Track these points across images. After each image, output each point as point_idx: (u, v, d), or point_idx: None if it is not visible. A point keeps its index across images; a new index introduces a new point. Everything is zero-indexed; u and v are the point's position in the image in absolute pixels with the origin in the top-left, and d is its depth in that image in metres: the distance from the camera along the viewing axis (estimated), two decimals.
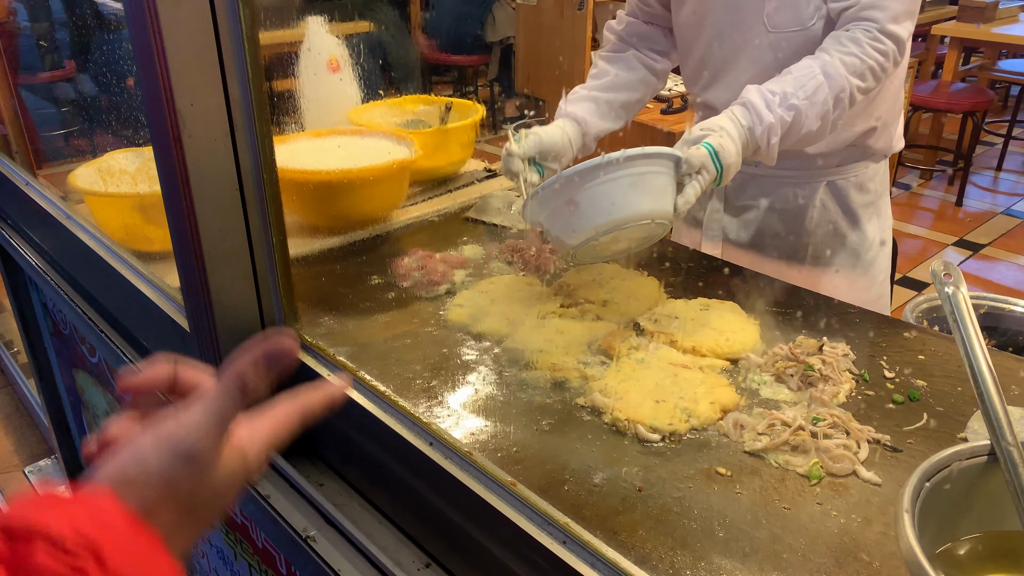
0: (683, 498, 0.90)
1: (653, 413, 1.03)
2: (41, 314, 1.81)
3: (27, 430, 2.63)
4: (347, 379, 0.63)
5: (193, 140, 0.73)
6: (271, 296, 0.85)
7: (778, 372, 1.12)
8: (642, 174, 1.16)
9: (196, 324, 0.84)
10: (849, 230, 1.60)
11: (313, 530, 0.78)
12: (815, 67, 1.28)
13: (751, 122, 1.26)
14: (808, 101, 1.26)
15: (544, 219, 1.20)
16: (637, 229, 1.18)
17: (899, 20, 1.30)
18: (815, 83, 1.27)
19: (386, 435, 0.74)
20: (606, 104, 1.60)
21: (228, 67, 0.73)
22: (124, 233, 1.34)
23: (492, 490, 0.65)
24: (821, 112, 1.27)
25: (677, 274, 1.43)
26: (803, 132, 1.28)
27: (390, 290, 1.40)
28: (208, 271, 0.78)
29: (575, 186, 1.14)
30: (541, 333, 1.22)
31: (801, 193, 1.59)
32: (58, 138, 4.96)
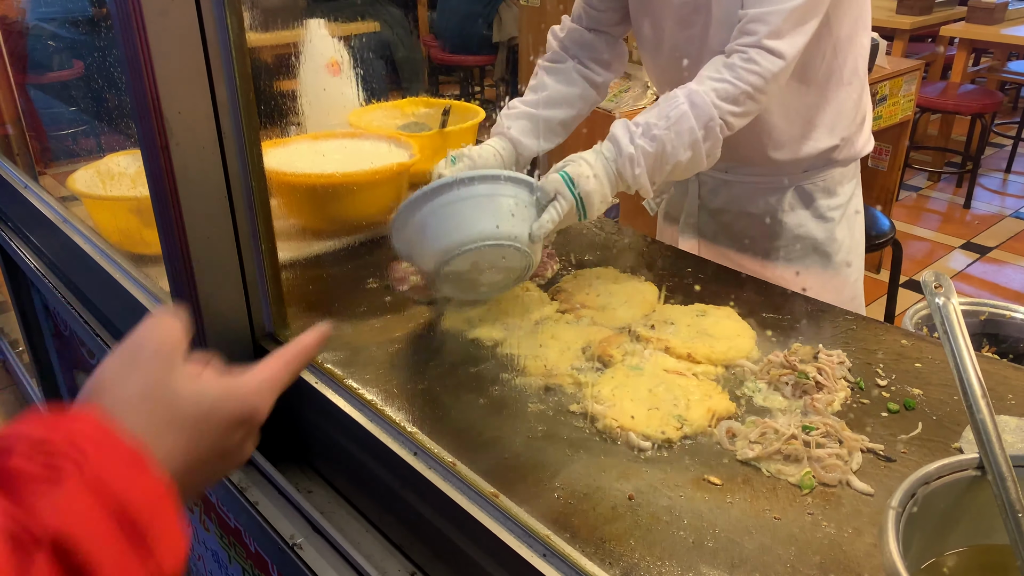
0: (673, 507, 0.90)
1: (646, 420, 1.03)
2: (43, 315, 1.82)
3: None
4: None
5: (181, 148, 0.73)
6: (261, 303, 0.85)
7: (773, 380, 1.12)
8: (490, 196, 1.16)
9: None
10: (819, 232, 1.61)
11: (300, 537, 0.78)
12: (680, 96, 1.27)
13: (613, 154, 1.26)
14: (671, 131, 1.25)
15: (401, 244, 1.20)
16: (495, 257, 1.17)
17: (781, 35, 1.26)
18: (678, 112, 1.25)
19: (372, 444, 0.74)
20: (543, 122, 1.58)
21: (216, 75, 0.73)
22: (121, 236, 1.34)
23: (475, 501, 0.65)
24: (688, 141, 1.26)
25: (675, 279, 1.42)
26: (673, 162, 1.27)
27: (386, 294, 1.40)
28: (197, 278, 0.78)
29: (424, 207, 1.13)
30: (536, 338, 1.22)
31: (770, 198, 1.60)
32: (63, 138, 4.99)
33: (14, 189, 1.46)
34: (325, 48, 1.85)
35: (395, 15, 5.15)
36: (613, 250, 1.57)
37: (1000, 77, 5.72)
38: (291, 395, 0.89)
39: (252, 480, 0.86)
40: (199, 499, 1.24)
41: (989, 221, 4.82)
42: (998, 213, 4.94)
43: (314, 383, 0.81)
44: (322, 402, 0.79)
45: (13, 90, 1.61)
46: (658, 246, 1.62)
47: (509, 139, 1.53)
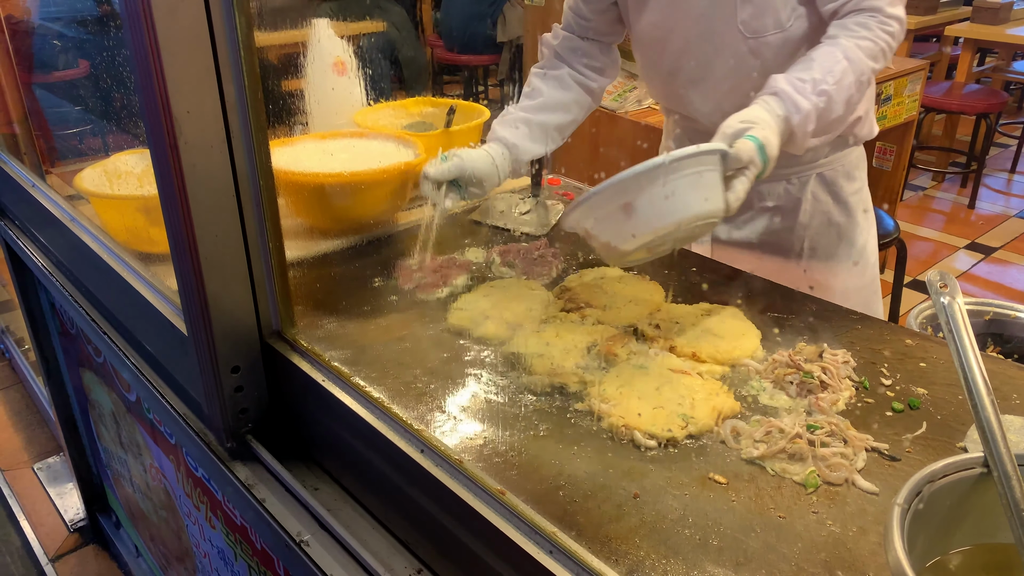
0: (678, 506, 0.90)
1: (651, 419, 1.03)
2: (49, 313, 1.83)
3: (37, 427, 2.65)
4: None
5: (189, 146, 0.74)
6: (268, 301, 0.85)
7: (777, 379, 1.12)
8: (698, 173, 1.13)
9: (193, 328, 0.85)
10: (841, 218, 1.62)
11: (307, 534, 0.79)
12: (837, 52, 1.27)
13: (787, 111, 1.24)
14: (837, 86, 1.25)
15: (592, 226, 1.18)
16: (689, 228, 1.17)
17: (895, 3, 1.30)
18: (841, 68, 1.26)
19: (379, 441, 0.74)
20: (538, 127, 1.57)
21: (224, 74, 0.74)
22: (128, 235, 1.34)
23: (481, 498, 0.65)
24: (846, 96, 1.27)
25: (680, 278, 1.42)
26: (832, 118, 1.27)
27: (391, 293, 1.41)
28: (204, 276, 0.79)
29: (631, 191, 1.12)
30: (541, 337, 1.22)
31: (792, 188, 1.60)
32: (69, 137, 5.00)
33: (22, 188, 1.47)
34: (332, 48, 1.85)
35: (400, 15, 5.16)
36: None
37: (1005, 77, 5.71)
38: (297, 392, 0.89)
39: (259, 477, 0.87)
40: (205, 496, 1.25)
41: (994, 221, 4.81)
42: (1003, 213, 4.93)
43: (321, 380, 0.81)
44: (328, 400, 0.80)
45: (20, 89, 1.62)
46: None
47: (504, 144, 1.53)
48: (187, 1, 0.70)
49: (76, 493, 2.24)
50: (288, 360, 0.85)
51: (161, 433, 1.34)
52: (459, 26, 6.00)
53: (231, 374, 0.85)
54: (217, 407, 0.87)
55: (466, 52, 6.02)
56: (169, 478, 1.40)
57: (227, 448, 0.89)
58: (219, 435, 0.90)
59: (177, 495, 1.40)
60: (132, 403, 1.45)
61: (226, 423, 0.87)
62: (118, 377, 1.47)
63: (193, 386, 0.95)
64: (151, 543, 1.77)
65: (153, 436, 1.40)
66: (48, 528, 2.20)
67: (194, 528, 1.37)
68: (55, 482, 2.37)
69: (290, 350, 0.86)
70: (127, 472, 1.71)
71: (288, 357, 0.85)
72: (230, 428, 0.88)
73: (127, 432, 1.57)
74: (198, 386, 0.94)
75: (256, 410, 0.88)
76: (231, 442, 0.88)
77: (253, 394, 0.88)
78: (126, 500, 1.85)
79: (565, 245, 1.56)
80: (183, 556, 1.53)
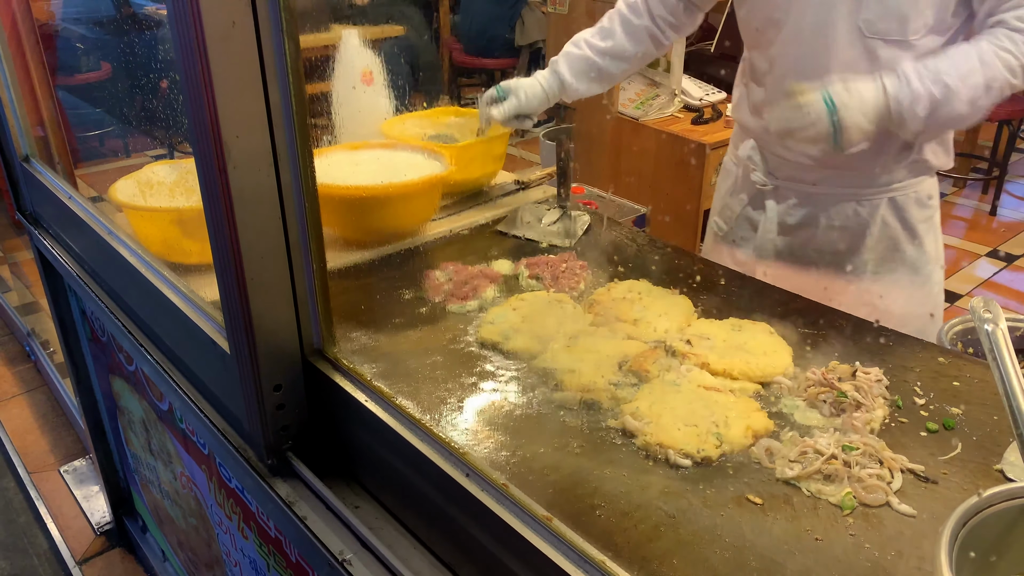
0: (715, 526, 0.90)
1: (685, 438, 1.03)
2: (79, 320, 1.85)
3: (63, 429, 2.68)
4: None
5: (238, 171, 0.75)
6: (310, 321, 0.86)
7: (811, 397, 1.12)
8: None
9: (236, 347, 0.86)
10: (909, 245, 1.60)
11: (349, 553, 0.80)
12: (971, 52, 1.29)
13: (897, 90, 1.28)
14: (961, 81, 1.27)
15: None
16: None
17: None
18: (969, 66, 1.28)
19: (423, 463, 0.75)
20: (600, 71, 1.66)
21: (272, 99, 0.75)
22: (162, 246, 1.36)
23: (528, 524, 0.66)
24: (971, 96, 1.28)
25: (707, 292, 1.42)
26: (952, 113, 1.29)
27: (421, 305, 1.42)
28: (250, 297, 0.80)
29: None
30: (571, 352, 1.23)
31: (862, 210, 1.58)
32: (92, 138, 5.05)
33: (56, 198, 1.49)
34: (360, 58, 1.87)
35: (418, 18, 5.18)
36: (645, 262, 1.57)
37: None
38: (338, 411, 0.90)
39: (299, 494, 0.88)
40: (237, 507, 1.26)
41: (1016, 228, 4.77)
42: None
43: (364, 401, 0.82)
44: (371, 420, 0.81)
45: (53, 97, 1.64)
46: (689, 258, 1.62)
47: (561, 80, 1.63)
48: (239, 28, 0.71)
49: (103, 496, 2.26)
50: (329, 379, 0.86)
51: (194, 443, 1.36)
52: (478, 29, 6.01)
53: (273, 392, 0.86)
54: (259, 424, 0.88)
55: (484, 55, 6.03)
56: (200, 487, 1.42)
57: (267, 464, 0.90)
58: (259, 451, 0.91)
59: (208, 504, 1.41)
60: (164, 412, 1.47)
61: (267, 440, 0.88)
62: (150, 386, 1.49)
63: (233, 402, 0.97)
64: (178, 548, 1.79)
65: (185, 445, 1.41)
66: (75, 531, 2.22)
67: (225, 537, 1.38)
68: (81, 485, 2.39)
69: (332, 369, 0.87)
70: (156, 479, 1.73)
71: (330, 376, 0.86)
72: (271, 445, 0.89)
73: (157, 440, 1.59)
74: (238, 402, 0.95)
75: (296, 427, 0.89)
76: (272, 459, 0.89)
77: (294, 411, 0.89)
78: (154, 505, 1.87)
79: (592, 257, 1.57)
80: (212, 563, 1.54)
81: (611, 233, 1.71)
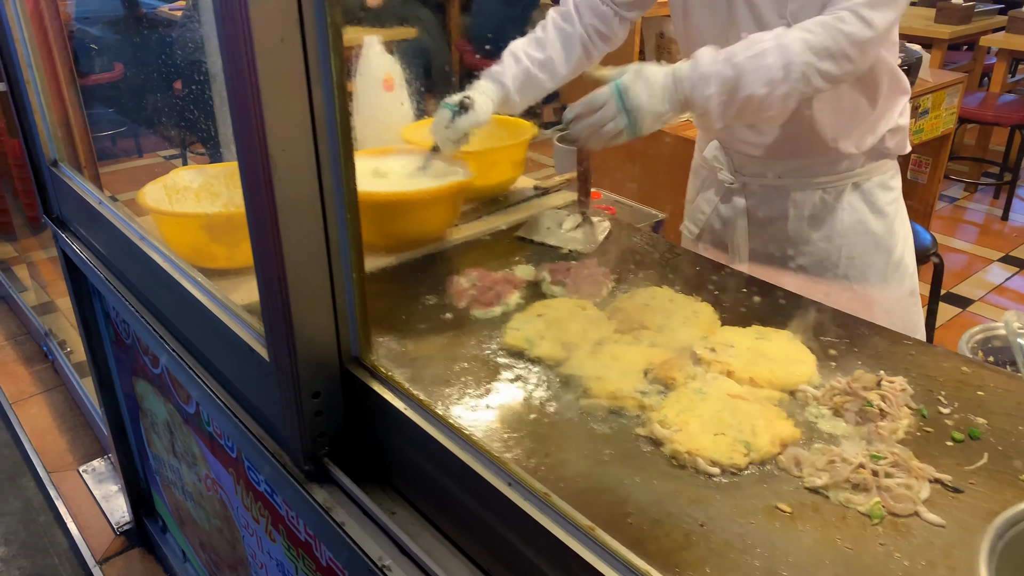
0: (745, 535, 0.91)
1: (713, 446, 1.04)
2: (103, 322, 1.87)
3: (81, 429, 2.70)
4: None
5: (283, 183, 0.76)
6: (349, 328, 0.87)
7: (836, 406, 1.13)
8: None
9: (276, 354, 0.87)
10: (878, 227, 1.64)
11: (388, 559, 0.81)
12: (767, 36, 1.31)
13: (688, 72, 1.31)
14: (752, 61, 1.28)
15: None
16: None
17: (875, 5, 1.30)
18: (761, 47, 1.29)
19: (464, 472, 0.76)
20: (538, 84, 1.68)
21: (317, 113, 0.76)
22: (189, 250, 1.37)
23: (571, 533, 0.67)
24: (766, 78, 1.29)
25: (729, 299, 1.43)
26: (747, 93, 1.30)
27: (445, 310, 1.43)
28: (292, 305, 0.81)
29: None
30: (597, 359, 1.24)
31: (828, 197, 1.63)
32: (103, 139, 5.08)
33: (85, 201, 1.51)
34: (381, 64, 1.88)
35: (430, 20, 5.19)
36: (665, 269, 1.58)
37: None
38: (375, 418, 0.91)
39: (336, 500, 0.89)
40: (266, 510, 1.28)
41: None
42: None
43: (403, 409, 0.83)
44: (411, 428, 0.82)
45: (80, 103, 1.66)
46: (710, 265, 1.63)
47: (506, 92, 1.65)
48: (287, 43, 0.72)
49: (122, 497, 2.28)
50: (367, 386, 0.87)
51: (221, 446, 1.37)
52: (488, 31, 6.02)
53: (312, 399, 0.87)
54: (297, 431, 0.89)
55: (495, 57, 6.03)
56: (226, 490, 1.43)
57: (304, 470, 0.91)
58: (296, 457, 0.92)
59: (234, 506, 1.43)
60: (190, 415, 1.48)
61: (305, 446, 0.89)
62: (176, 388, 1.50)
63: (269, 408, 0.98)
64: (200, 550, 1.80)
65: (211, 448, 1.43)
66: (95, 530, 2.24)
67: (251, 540, 1.40)
68: (100, 485, 2.41)
69: (370, 376, 0.88)
70: (179, 480, 1.75)
71: (367, 383, 0.88)
72: (308, 451, 0.90)
73: (182, 442, 1.61)
74: (274, 408, 0.96)
75: (333, 433, 0.91)
76: (309, 464, 0.91)
77: (331, 418, 0.90)
78: (175, 506, 1.89)
79: (614, 263, 1.58)
80: (236, 565, 1.56)
81: (631, 239, 1.72)
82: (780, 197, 1.67)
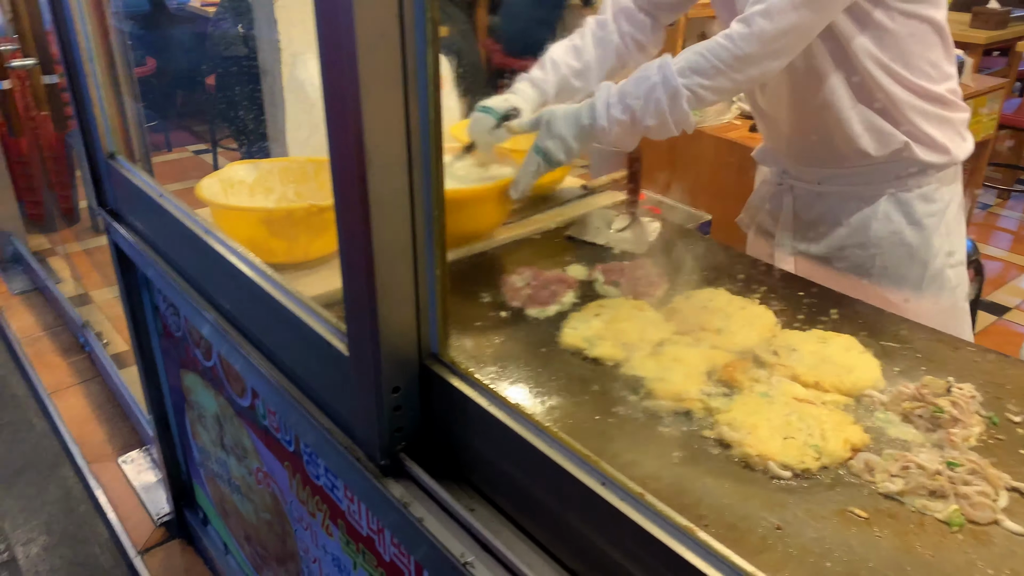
0: (822, 539, 0.91)
1: (783, 449, 1.03)
2: (151, 315, 1.88)
3: (118, 420, 2.72)
4: None
5: (376, 179, 0.76)
6: (429, 324, 0.88)
7: (905, 412, 1.12)
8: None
9: (358, 349, 0.88)
10: (915, 239, 1.61)
11: (471, 556, 0.81)
12: (654, 68, 1.40)
13: (590, 119, 1.45)
14: (642, 100, 1.39)
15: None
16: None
17: (769, 13, 1.31)
18: (649, 84, 1.39)
19: (551, 470, 0.76)
20: (571, 91, 1.72)
21: (411, 108, 0.76)
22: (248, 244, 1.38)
23: (672, 534, 0.67)
24: (655, 111, 1.39)
25: (786, 302, 1.42)
26: (643, 127, 1.42)
27: (500, 308, 1.43)
28: (379, 301, 0.81)
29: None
30: (659, 360, 1.23)
31: (864, 205, 1.61)
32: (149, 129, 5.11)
33: (143, 193, 1.52)
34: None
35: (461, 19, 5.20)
36: (718, 270, 1.57)
37: None
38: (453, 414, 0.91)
39: (413, 495, 0.89)
40: (323, 504, 1.28)
41: None
42: None
43: (486, 406, 0.83)
44: (493, 425, 0.82)
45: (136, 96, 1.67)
46: (763, 267, 1.62)
47: (545, 97, 1.68)
48: (386, 39, 0.72)
49: (162, 488, 2.30)
50: (446, 382, 0.87)
51: (276, 440, 1.38)
52: (518, 30, 6.03)
53: (391, 394, 0.87)
54: (375, 426, 0.89)
55: (524, 56, 6.04)
56: (280, 483, 1.44)
57: (380, 465, 0.91)
58: (371, 452, 0.93)
59: (288, 500, 1.43)
60: (243, 408, 1.49)
61: (383, 441, 0.90)
62: (229, 382, 1.51)
63: (342, 402, 0.98)
64: (245, 543, 1.81)
65: (266, 442, 1.43)
66: (134, 521, 2.26)
67: (305, 534, 1.40)
68: (139, 476, 2.43)
69: (449, 372, 0.88)
70: (225, 473, 1.76)
71: (446, 379, 0.88)
72: (386, 446, 0.90)
73: (232, 435, 1.62)
74: (347, 402, 0.97)
75: (410, 429, 0.91)
76: (385, 459, 0.91)
77: (409, 414, 0.90)
78: (219, 499, 1.90)
79: (665, 264, 1.57)
80: (285, 559, 1.57)
81: (682, 240, 1.71)
82: (823, 202, 1.67)
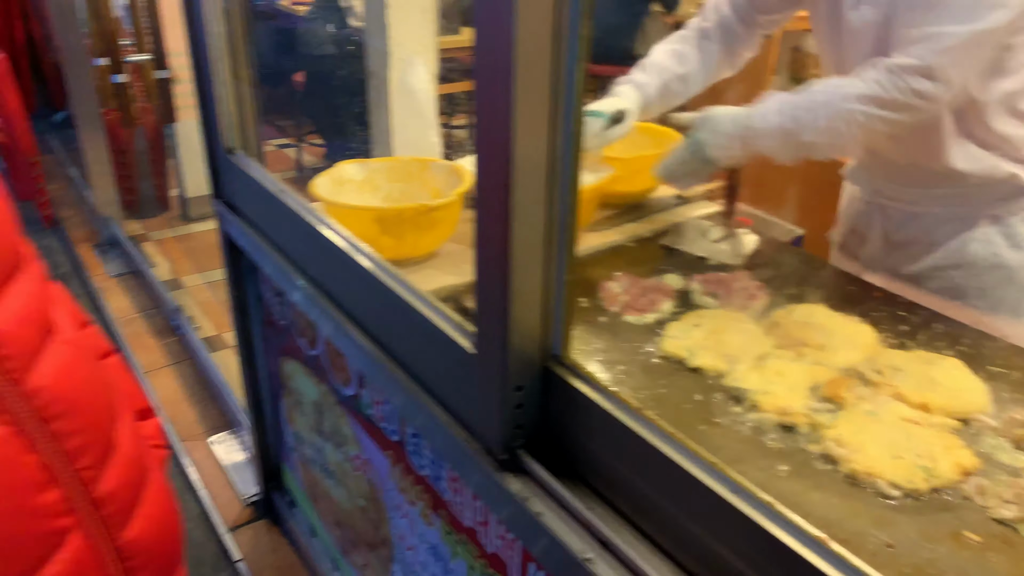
0: (936, 559, 0.91)
1: (892, 468, 1.04)
2: (254, 304, 1.97)
3: (209, 402, 2.84)
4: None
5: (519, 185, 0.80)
6: (553, 326, 0.91)
7: (1017, 439, 1.11)
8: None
9: (485, 348, 0.92)
10: (1016, 260, 1.57)
11: (591, 553, 0.84)
12: (830, 87, 1.40)
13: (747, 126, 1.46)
14: (811, 113, 1.38)
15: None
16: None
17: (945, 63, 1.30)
18: (821, 99, 1.39)
19: (677, 476, 0.78)
20: (672, 96, 1.76)
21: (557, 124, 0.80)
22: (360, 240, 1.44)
23: (808, 545, 0.68)
24: (824, 127, 1.38)
25: (887, 321, 1.41)
26: (804, 140, 1.41)
27: (598, 314, 1.46)
28: (512, 303, 0.85)
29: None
30: (762, 374, 1.24)
31: (962, 226, 1.58)
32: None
33: (261, 188, 1.59)
34: None
35: None
36: (816, 285, 1.57)
37: None
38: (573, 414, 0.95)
39: (531, 491, 0.93)
40: (425, 494, 1.33)
41: None
42: None
43: (610, 409, 0.86)
44: (615, 428, 0.85)
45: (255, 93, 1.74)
46: (861, 284, 1.61)
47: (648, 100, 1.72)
48: (539, 56, 0.76)
49: (250, 469, 2.40)
50: (568, 384, 0.91)
51: (380, 430, 1.43)
52: (598, 37, 6.03)
53: (515, 392, 0.91)
54: (497, 422, 0.93)
55: (603, 63, 6.02)
56: (380, 471, 1.49)
57: (499, 461, 0.95)
58: (490, 447, 0.96)
59: (386, 488, 1.49)
60: (347, 397, 1.55)
61: (504, 437, 0.93)
62: (334, 371, 1.57)
63: (463, 398, 1.02)
64: (335, 527, 1.88)
65: (369, 431, 1.49)
66: (224, 500, 2.36)
67: (402, 521, 1.46)
68: (228, 456, 2.54)
69: (570, 374, 0.91)
70: (320, 458, 1.83)
71: (568, 380, 0.91)
72: (506, 442, 0.94)
73: (331, 422, 1.68)
74: (469, 398, 1.01)
75: (530, 427, 0.94)
76: (504, 455, 0.95)
77: (530, 412, 0.93)
78: (310, 483, 1.97)
79: (763, 277, 1.57)
80: (378, 544, 1.62)
81: (779, 253, 1.71)
82: (917, 222, 1.64)
